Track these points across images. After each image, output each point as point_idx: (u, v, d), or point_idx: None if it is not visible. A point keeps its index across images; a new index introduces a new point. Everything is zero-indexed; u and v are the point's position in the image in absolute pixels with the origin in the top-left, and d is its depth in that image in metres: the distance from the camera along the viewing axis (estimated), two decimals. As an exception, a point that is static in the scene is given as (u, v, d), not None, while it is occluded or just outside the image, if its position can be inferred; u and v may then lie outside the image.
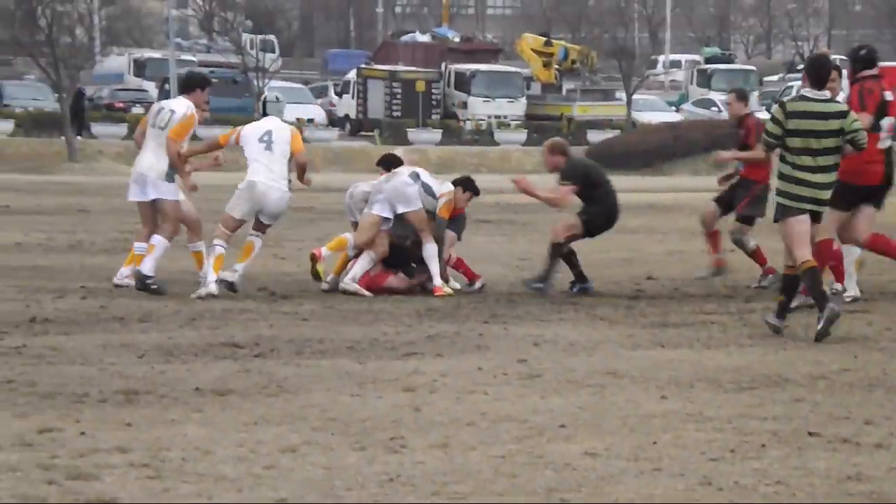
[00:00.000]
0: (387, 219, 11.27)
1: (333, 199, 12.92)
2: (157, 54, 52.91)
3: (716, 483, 5.34)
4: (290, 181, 11.09)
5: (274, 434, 6.07)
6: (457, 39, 53.12)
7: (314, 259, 11.21)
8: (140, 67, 50.55)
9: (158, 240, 10.88)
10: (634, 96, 46.90)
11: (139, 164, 11.11)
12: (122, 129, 39.55)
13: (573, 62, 49.08)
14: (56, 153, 38.03)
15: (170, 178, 10.98)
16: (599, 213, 11.43)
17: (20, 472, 5.27)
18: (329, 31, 74.70)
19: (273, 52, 52.80)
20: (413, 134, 43.41)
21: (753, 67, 56.11)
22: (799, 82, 33.06)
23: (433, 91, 46.73)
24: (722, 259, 11.96)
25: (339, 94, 49.35)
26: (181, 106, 11.04)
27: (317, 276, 11.23)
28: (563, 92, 48.35)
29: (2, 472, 5.28)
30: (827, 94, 9.08)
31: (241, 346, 8.50)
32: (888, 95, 10.22)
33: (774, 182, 9.43)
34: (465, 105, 46.48)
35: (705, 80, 52.18)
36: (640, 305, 10.86)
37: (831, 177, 8.85)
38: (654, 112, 47.23)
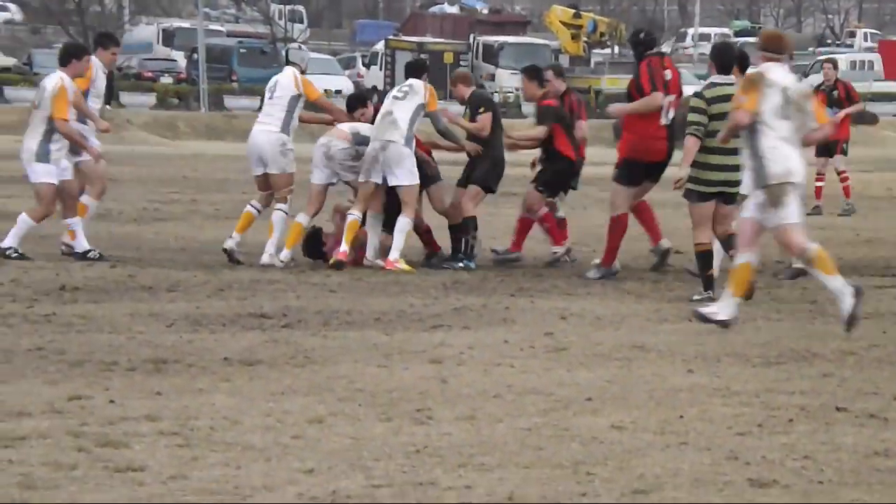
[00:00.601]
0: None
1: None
2: (185, 24, 52.92)
3: (742, 457, 5.34)
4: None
5: (301, 404, 6.10)
6: (485, 11, 52.94)
7: (340, 265, 10.87)
8: (168, 37, 50.59)
9: (22, 217, 10.71)
10: (663, 69, 46.40)
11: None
12: (151, 98, 39.64)
13: (602, 35, 48.82)
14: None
15: (42, 158, 10.68)
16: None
17: (50, 439, 5.33)
18: (357, 2, 74.52)
19: (301, 22, 52.76)
20: (440, 105, 43.26)
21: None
22: (826, 56, 32.82)
23: (461, 63, 46.55)
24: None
25: (367, 66, 49.30)
26: (50, 82, 10.83)
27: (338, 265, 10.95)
28: (592, 65, 48.10)
29: (33, 438, 5.34)
30: (732, 78, 9.70)
31: (268, 317, 8.54)
32: (668, 74, 10.68)
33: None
34: (492, 77, 46.33)
35: (735, 53, 51.68)
36: (666, 279, 10.84)
37: (738, 159, 9.03)
38: (682, 85, 46.88)
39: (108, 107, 43.19)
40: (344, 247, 10.94)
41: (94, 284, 9.78)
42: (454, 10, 54.01)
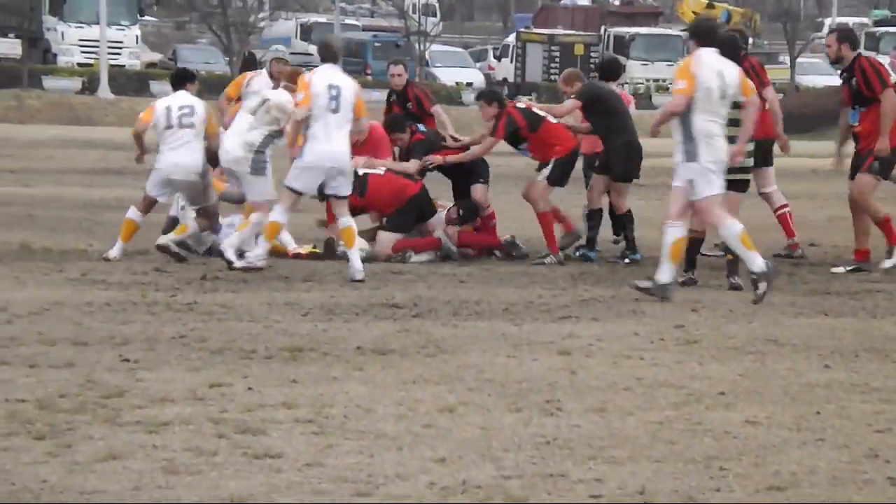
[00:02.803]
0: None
1: (495, 162, 12.94)
2: (322, 19, 53.74)
3: (883, 455, 5.24)
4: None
5: (432, 393, 6.18)
6: (617, 3, 52.47)
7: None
8: (306, 32, 51.42)
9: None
10: (799, 59, 45.58)
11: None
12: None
13: (736, 25, 47.95)
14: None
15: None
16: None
17: (192, 426, 5.50)
18: (488, -5, 74.61)
19: (434, 15, 53.03)
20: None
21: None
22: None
23: (591, 54, 46.28)
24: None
25: (498, 58, 49.35)
26: (285, 96, 10.49)
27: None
28: (725, 55, 47.22)
29: (176, 424, 5.52)
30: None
31: (400, 307, 8.66)
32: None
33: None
34: (623, 68, 45.90)
35: (874, 42, 50.29)
36: (801, 272, 10.64)
37: (751, 144, 9.50)
38: (818, 76, 45.91)
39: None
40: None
41: (233, 274, 10.03)
42: (585, 1, 53.65)
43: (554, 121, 11.12)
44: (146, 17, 52.07)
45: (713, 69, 8.95)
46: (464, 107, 36.73)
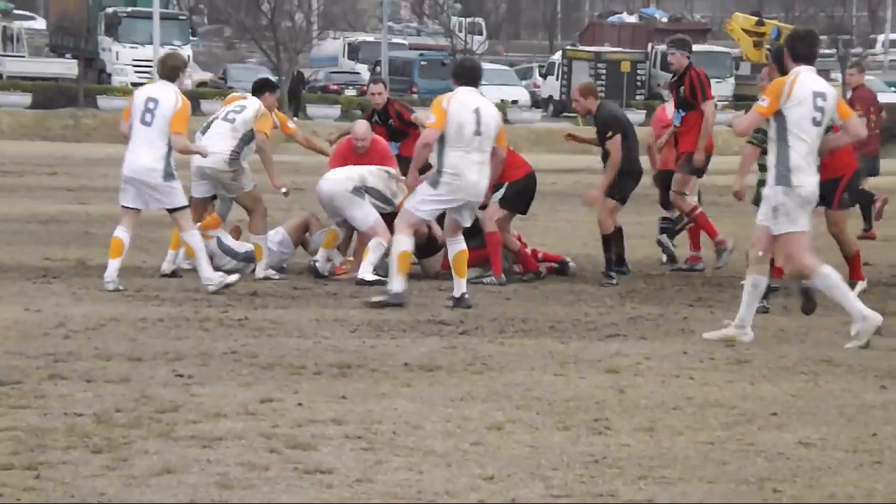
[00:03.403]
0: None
1: (543, 180, 12.96)
2: (370, 38, 54.03)
3: (937, 477, 5.20)
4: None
5: (480, 411, 6.21)
6: (664, 20, 52.31)
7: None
8: (353, 51, 51.75)
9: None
10: (851, 76, 45.01)
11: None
12: (336, 110, 40.58)
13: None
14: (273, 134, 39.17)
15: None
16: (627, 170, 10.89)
17: (245, 441, 5.58)
18: (535, 13, 74.70)
19: (480, 34, 53.17)
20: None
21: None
22: None
23: (638, 72, 46.20)
24: None
25: (544, 76, 49.36)
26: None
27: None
28: (774, 72, 46.94)
29: (229, 439, 5.60)
30: None
31: (447, 324, 8.70)
32: None
33: None
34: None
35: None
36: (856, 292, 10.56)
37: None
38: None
39: (295, 118, 44.74)
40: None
41: (283, 291, 10.13)
42: (633, 19, 53.55)
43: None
44: (196, 38, 52.64)
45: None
46: (509, 125, 36.77)
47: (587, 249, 12.44)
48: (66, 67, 43.48)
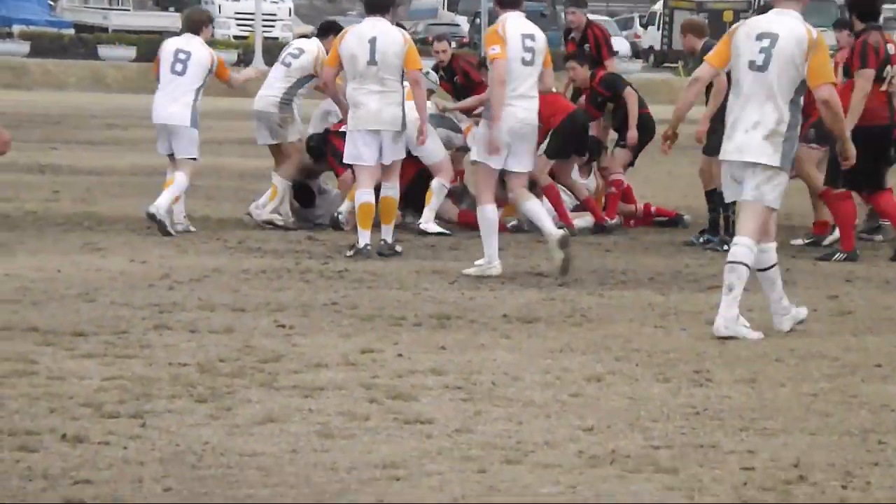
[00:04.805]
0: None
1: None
2: (469, -11, 53.64)
3: None
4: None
5: (579, 362, 6.21)
6: (768, -35, 50.97)
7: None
8: (453, 2, 51.48)
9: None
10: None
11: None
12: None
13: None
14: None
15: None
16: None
17: (345, 391, 5.64)
18: (635, -40, 73.60)
19: (582, -16, 52.32)
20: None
21: None
22: None
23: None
24: None
25: (645, 26, 48.64)
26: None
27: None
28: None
29: (329, 389, 5.67)
30: None
31: (545, 275, 8.69)
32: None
33: None
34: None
35: None
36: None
37: None
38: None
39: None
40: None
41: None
42: (735, -35, 52.34)
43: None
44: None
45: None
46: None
47: (687, 201, 12.27)
48: (171, 21, 44.00)
